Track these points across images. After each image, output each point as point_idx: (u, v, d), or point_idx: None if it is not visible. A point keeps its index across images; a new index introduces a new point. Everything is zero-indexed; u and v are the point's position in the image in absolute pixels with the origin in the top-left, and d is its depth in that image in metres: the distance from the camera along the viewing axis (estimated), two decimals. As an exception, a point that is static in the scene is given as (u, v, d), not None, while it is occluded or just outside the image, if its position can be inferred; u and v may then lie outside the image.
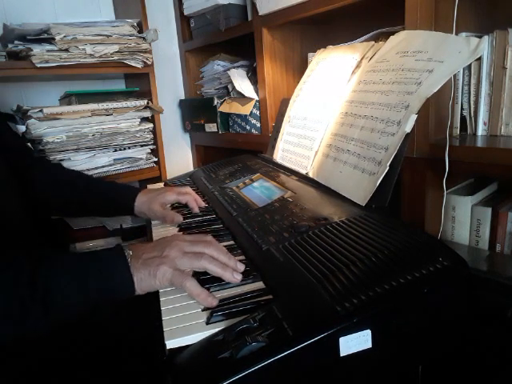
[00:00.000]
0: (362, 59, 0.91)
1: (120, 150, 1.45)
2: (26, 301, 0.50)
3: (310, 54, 1.27)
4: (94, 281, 0.55)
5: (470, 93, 0.90)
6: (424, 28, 0.82)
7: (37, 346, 0.63)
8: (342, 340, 0.44)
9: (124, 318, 0.74)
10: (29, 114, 1.26)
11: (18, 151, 0.92)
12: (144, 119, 1.50)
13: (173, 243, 0.61)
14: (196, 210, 0.92)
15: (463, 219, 0.88)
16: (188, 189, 0.97)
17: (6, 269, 0.52)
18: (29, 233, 0.78)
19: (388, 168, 0.70)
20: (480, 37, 0.69)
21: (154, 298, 0.59)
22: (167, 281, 0.57)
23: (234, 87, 1.46)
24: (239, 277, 0.59)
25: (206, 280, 0.59)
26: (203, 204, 0.95)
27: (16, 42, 1.22)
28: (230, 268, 0.59)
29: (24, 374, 0.62)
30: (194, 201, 0.93)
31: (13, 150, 0.87)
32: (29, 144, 1.24)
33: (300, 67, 1.39)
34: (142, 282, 0.57)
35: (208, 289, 0.58)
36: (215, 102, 1.53)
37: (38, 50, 1.21)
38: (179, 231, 0.83)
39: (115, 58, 1.35)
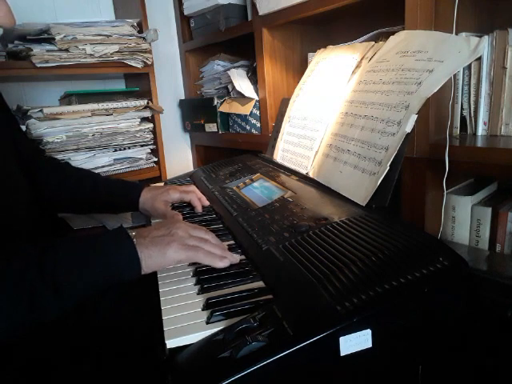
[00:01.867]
0: (362, 59, 0.91)
1: (120, 149, 1.45)
2: (36, 287, 0.51)
3: (310, 54, 1.28)
4: (99, 258, 0.55)
5: (469, 93, 0.90)
6: (424, 28, 0.82)
7: (36, 344, 0.63)
8: (342, 339, 0.44)
9: (124, 318, 0.74)
10: (29, 113, 1.26)
11: (29, 152, 0.93)
12: (144, 119, 1.50)
13: (177, 224, 0.64)
14: (199, 208, 0.92)
15: (463, 219, 0.88)
16: (192, 187, 0.97)
17: (13, 257, 0.53)
18: (33, 233, 0.78)
19: (388, 168, 0.70)
20: (480, 37, 0.69)
21: (154, 297, 0.59)
22: (178, 258, 0.59)
23: (234, 87, 1.46)
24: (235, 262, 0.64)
25: (206, 280, 0.60)
26: (207, 203, 0.94)
27: (16, 41, 1.22)
28: (226, 259, 0.63)
29: (23, 373, 0.62)
30: (198, 199, 0.93)
31: (24, 151, 0.87)
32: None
33: (300, 67, 1.39)
34: (150, 260, 0.58)
35: (208, 289, 0.58)
36: (215, 102, 1.53)
37: (37, 49, 1.21)
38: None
39: (115, 57, 1.35)
